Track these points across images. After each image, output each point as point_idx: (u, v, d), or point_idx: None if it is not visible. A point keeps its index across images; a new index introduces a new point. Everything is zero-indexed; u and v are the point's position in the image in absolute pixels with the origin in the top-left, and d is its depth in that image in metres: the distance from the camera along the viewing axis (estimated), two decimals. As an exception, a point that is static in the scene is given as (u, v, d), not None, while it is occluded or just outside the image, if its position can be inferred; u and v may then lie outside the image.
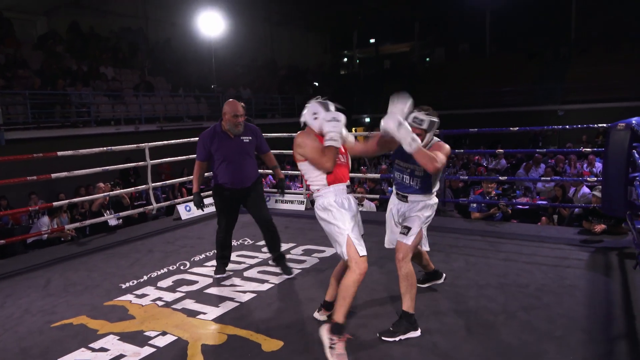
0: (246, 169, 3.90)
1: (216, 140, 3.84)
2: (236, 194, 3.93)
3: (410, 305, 2.84)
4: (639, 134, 3.73)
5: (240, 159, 3.87)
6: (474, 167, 9.84)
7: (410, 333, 2.81)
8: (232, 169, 3.84)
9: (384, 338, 2.80)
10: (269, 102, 17.99)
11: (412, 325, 2.84)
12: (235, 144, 3.86)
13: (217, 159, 3.85)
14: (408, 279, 2.84)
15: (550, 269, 3.83)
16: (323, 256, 4.47)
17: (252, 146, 3.96)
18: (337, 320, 2.63)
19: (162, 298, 3.63)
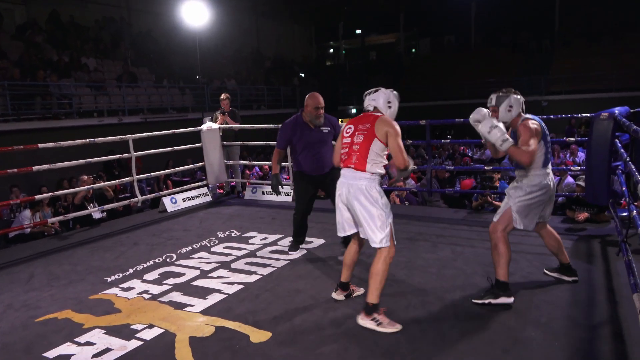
0: (325, 157, 4.15)
1: (298, 130, 4.16)
2: (315, 179, 4.24)
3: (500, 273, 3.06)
4: (622, 123, 3.78)
5: (319, 148, 4.17)
6: (459, 158, 9.92)
7: (500, 299, 3.02)
8: (312, 157, 4.15)
9: (474, 301, 3.07)
10: (255, 93, 17.86)
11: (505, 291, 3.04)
12: (316, 134, 4.16)
13: (299, 147, 4.19)
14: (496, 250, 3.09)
15: (535, 257, 3.88)
16: (310, 247, 4.47)
17: (330, 136, 4.24)
18: (372, 301, 2.85)
19: (149, 291, 3.60)
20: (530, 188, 3.08)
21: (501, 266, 3.07)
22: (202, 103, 14.43)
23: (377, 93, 3.08)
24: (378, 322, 2.80)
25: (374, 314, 2.83)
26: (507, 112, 3.07)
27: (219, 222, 5.59)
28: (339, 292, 3.28)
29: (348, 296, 3.28)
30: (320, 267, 3.92)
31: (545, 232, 3.34)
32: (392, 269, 3.73)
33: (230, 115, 7.00)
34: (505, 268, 3.07)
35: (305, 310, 3.13)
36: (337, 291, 3.29)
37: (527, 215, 3.11)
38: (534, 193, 3.08)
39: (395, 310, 3.05)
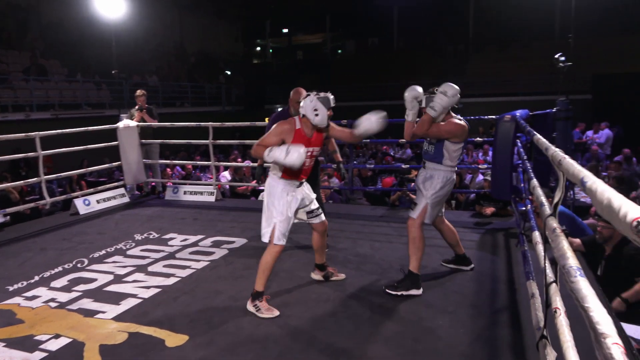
0: None
1: None
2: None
3: (414, 266, 3.24)
4: (522, 125, 4.11)
5: None
6: (381, 157, 10.26)
7: (411, 291, 3.20)
8: None
9: (387, 291, 3.23)
10: (178, 90, 17.29)
11: (415, 283, 3.23)
12: None
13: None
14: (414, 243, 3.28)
15: (446, 250, 4.09)
16: (232, 247, 4.42)
17: None
18: (258, 289, 3.07)
19: (56, 299, 3.38)
20: (443, 183, 3.31)
21: (416, 259, 3.27)
22: (120, 99, 13.70)
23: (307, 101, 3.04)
24: (257, 308, 3.03)
25: (256, 300, 3.05)
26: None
27: (137, 223, 5.36)
28: (316, 272, 3.56)
29: (325, 277, 3.52)
30: (241, 268, 3.89)
31: (444, 227, 3.61)
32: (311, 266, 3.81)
33: (148, 112, 6.73)
34: (419, 261, 3.27)
35: (224, 311, 3.10)
36: (315, 271, 3.57)
37: (437, 209, 3.37)
38: (445, 187, 3.33)
39: (314, 305, 3.12)
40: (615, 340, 0.92)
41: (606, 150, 11.47)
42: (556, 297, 1.78)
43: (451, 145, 3.29)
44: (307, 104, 3.03)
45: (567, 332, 1.58)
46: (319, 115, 3.01)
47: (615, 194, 0.99)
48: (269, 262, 3.10)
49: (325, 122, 3.07)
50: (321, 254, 3.49)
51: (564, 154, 1.67)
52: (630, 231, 0.83)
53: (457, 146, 3.31)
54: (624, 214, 0.87)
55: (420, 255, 3.28)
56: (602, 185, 1.09)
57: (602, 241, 3.63)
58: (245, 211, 5.88)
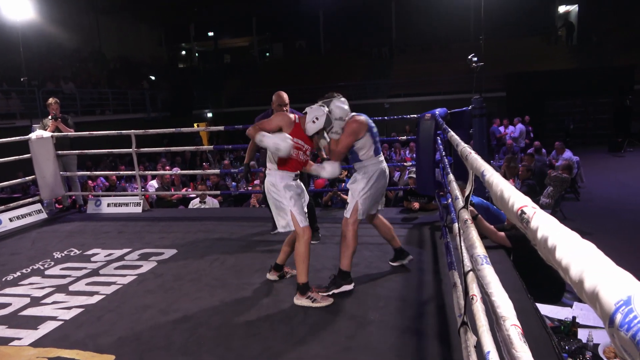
0: None
1: None
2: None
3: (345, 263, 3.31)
4: (440, 123, 4.33)
5: None
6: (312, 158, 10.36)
7: (343, 287, 3.27)
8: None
9: (320, 293, 3.20)
10: (98, 97, 16.43)
11: (345, 280, 3.29)
12: None
13: None
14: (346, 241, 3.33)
15: (376, 247, 4.23)
16: (161, 259, 4.28)
17: None
18: (302, 281, 3.15)
19: (-37, 328, 3.09)
20: (367, 178, 3.36)
21: (347, 257, 3.33)
22: (32, 108, 12.79)
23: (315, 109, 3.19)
24: (313, 300, 3.11)
25: (307, 292, 3.14)
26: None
27: (56, 241, 5.04)
28: (272, 273, 3.60)
29: (281, 277, 3.57)
30: (172, 279, 3.77)
31: (378, 222, 3.69)
32: (246, 272, 3.77)
33: (62, 121, 6.32)
34: (350, 259, 3.34)
35: (154, 326, 2.98)
36: (271, 272, 3.60)
37: (369, 204, 3.41)
38: (372, 181, 3.36)
39: (245, 311, 3.09)
40: (514, 322, 0.99)
41: (520, 144, 12.34)
42: (473, 284, 1.88)
43: (357, 143, 3.35)
44: (314, 111, 3.18)
45: (483, 317, 1.68)
46: (315, 123, 3.17)
47: (507, 186, 1.07)
48: (305, 251, 3.15)
49: (309, 133, 3.22)
50: (286, 256, 3.56)
51: (470, 150, 1.78)
52: (517, 219, 0.90)
53: (363, 140, 3.34)
54: (512, 203, 0.95)
55: (351, 252, 3.34)
56: (497, 178, 1.17)
57: (509, 228, 3.90)
58: (175, 220, 5.71)
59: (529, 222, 0.82)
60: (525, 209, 0.87)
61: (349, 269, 3.33)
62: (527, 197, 0.95)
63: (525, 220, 0.84)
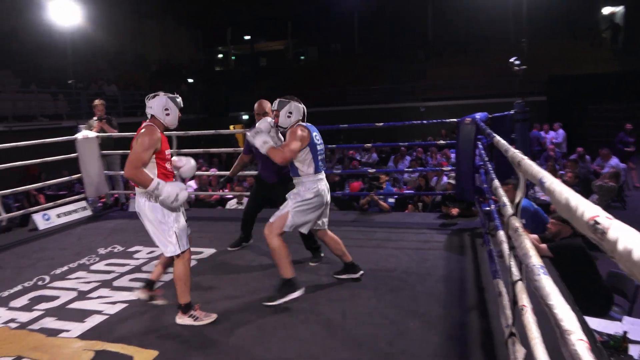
0: (270, 165, 3.96)
1: None
2: (265, 185, 4.32)
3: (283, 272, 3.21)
4: (482, 127, 4.24)
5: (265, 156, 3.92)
6: (348, 161, 10.34)
7: (290, 296, 3.17)
8: (261, 163, 4.29)
9: (266, 304, 3.16)
10: (139, 99, 16.90)
11: (291, 288, 3.19)
12: None
13: (255, 152, 4.26)
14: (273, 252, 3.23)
15: (414, 252, 4.18)
16: (200, 257, 4.36)
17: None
18: (184, 302, 3.02)
19: (16, 319, 3.24)
20: (305, 194, 3.26)
21: (283, 265, 3.22)
22: (77, 110, 13.31)
23: (154, 101, 3.00)
24: (195, 319, 3.00)
25: (190, 311, 3.02)
26: (286, 118, 3.27)
27: (100, 237, 5.20)
28: (143, 291, 3.25)
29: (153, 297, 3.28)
30: (210, 278, 3.83)
31: (328, 239, 3.55)
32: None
33: (107, 122, 6.55)
34: (288, 265, 3.22)
35: (192, 325, 3.03)
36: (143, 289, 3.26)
37: (302, 220, 3.26)
38: (308, 199, 3.25)
39: (284, 314, 3.10)
40: (580, 336, 0.96)
41: (563, 149, 11.96)
42: (522, 294, 1.83)
43: (297, 156, 3.25)
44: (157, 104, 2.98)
45: (535, 329, 1.64)
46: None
47: (573, 194, 1.03)
48: (185, 272, 3.00)
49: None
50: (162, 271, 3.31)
51: (522, 155, 1.73)
52: (588, 229, 0.87)
53: (303, 154, 3.25)
54: (581, 212, 0.91)
55: (285, 260, 3.21)
56: (560, 186, 1.13)
57: (551, 236, 3.77)
58: (213, 220, 5.81)
59: (604, 233, 0.79)
60: (599, 219, 0.83)
61: (290, 275, 3.23)
62: (597, 206, 0.92)
63: (600, 231, 0.81)
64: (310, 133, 3.27)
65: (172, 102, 2.97)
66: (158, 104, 2.96)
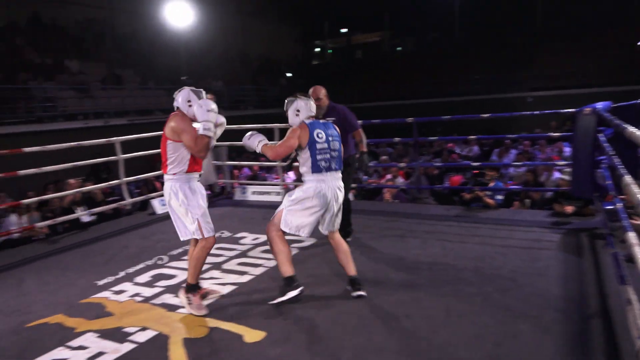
0: None
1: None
2: None
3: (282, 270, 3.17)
4: (604, 118, 3.85)
5: None
6: (447, 155, 9.98)
7: (288, 294, 3.12)
8: None
9: (270, 303, 3.17)
10: (242, 93, 17.80)
11: (288, 286, 3.13)
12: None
13: None
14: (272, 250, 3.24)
15: (523, 251, 3.94)
16: (302, 246, 4.48)
17: None
18: (190, 282, 3.18)
19: (140, 294, 3.58)
20: (302, 194, 3.15)
21: (283, 263, 3.17)
22: (188, 104, 14.33)
23: (179, 94, 3.14)
24: (189, 302, 3.15)
25: (189, 293, 3.17)
26: (295, 116, 3.20)
27: (214, 221, 5.56)
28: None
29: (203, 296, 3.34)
30: (313, 266, 3.93)
31: (334, 244, 3.36)
32: (382, 266, 3.77)
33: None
34: (287, 264, 3.16)
35: (298, 309, 3.14)
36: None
37: (297, 220, 3.15)
38: (306, 200, 3.14)
39: (387, 306, 3.08)
40: None
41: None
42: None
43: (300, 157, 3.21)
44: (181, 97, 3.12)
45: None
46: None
47: None
48: (202, 257, 3.21)
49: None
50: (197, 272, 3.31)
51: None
52: None
53: (304, 152, 3.16)
54: None
55: (282, 258, 3.17)
56: None
57: None
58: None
59: None
60: None
61: (290, 274, 3.16)
62: None
63: None
64: (311, 131, 3.12)
65: (194, 94, 3.11)
66: (182, 97, 3.11)
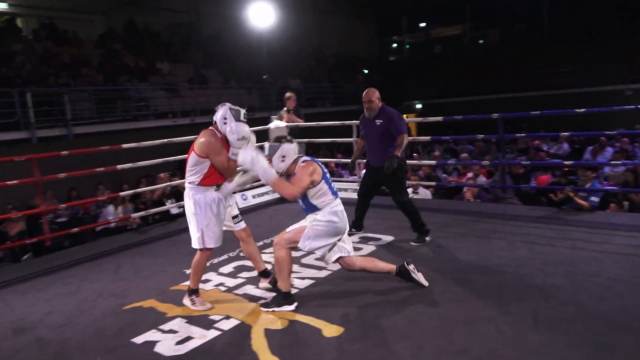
0: (377, 149, 4.46)
1: (362, 122, 4.69)
2: (373, 170, 4.54)
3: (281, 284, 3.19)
4: None
5: (373, 139, 4.52)
6: (533, 152, 9.42)
7: (283, 307, 3.16)
8: (368, 147, 4.62)
9: (261, 308, 3.22)
10: (319, 91, 18.00)
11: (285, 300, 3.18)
12: (370, 125, 4.51)
13: (363, 137, 4.69)
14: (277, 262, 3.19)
15: (622, 257, 3.62)
16: (379, 244, 4.45)
17: (381, 129, 4.42)
18: (192, 287, 3.35)
19: (224, 283, 3.75)
20: (328, 216, 3.15)
21: (283, 278, 3.17)
22: (267, 102, 14.76)
23: (219, 109, 3.31)
24: (193, 303, 3.31)
25: (192, 296, 3.35)
26: (280, 162, 3.16)
27: (288, 218, 5.69)
28: (262, 280, 3.58)
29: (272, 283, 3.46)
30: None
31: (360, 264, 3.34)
32: (464, 267, 3.64)
33: (295, 113, 7.14)
34: (287, 280, 3.18)
35: (376, 306, 3.12)
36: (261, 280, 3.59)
37: (317, 241, 3.15)
38: (327, 221, 3.14)
39: (469, 308, 2.98)
40: None
41: None
42: None
43: (311, 191, 3.15)
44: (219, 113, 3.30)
45: None
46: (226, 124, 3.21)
47: None
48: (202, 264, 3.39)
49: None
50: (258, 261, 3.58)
51: None
52: None
53: (318, 187, 3.15)
54: None
55: (285, 274, 3.17)
56: None
57: None
58: (389, 208, 5.85)
59: None
60: None
61: (287, 290, 3.19)
62: None
63: None
64: (319, 164, 3.21)
65: (230, 112, 3.23)
66: (220, 113, 3.27)
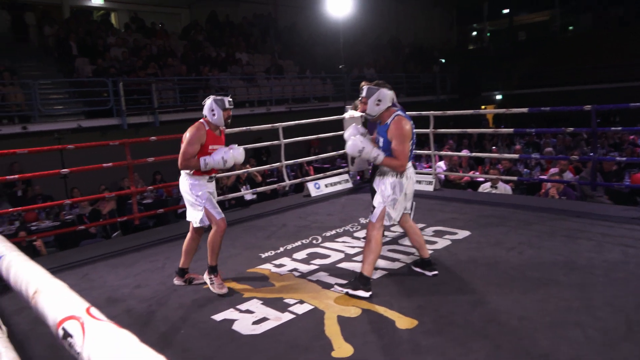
0: None
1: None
2: None
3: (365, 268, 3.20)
4: None
5: None
6: (630, 148, 8.66)
7: (358, 291, 3.16)
8: None
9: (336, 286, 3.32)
10: (394, 81, 17.72)
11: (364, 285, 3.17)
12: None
13: None
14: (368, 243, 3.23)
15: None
16: (455, 239, 4.32)
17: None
18: (211, 264, 3.46)
19: (298, 269, 3.84)
20: (392, 186, 3.22)
21: (369, 262, 3.19)
22: (341, 92, 14.77)
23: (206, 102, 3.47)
24: (211, 282, 3.44)
25: (211, 274, 3.46)
26: (375, 106, 3.21)
27: (360, 208, 5.70)
28: (177, 278, 3.69)
29: (188, 281, 3.66)
30: (466, 260, 3.77)
31: (408, 227, 3.48)
32: (548, 268, 3.45)
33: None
34: (373, 265, 3.20)
35: (451, 302, 3.05)
36: (176, 277, 3.70)
37: (395, 210, 3.27)
38: (397, 190, 3.22)
39: (553, 310, 2.82)
40: None
41: None
42: None
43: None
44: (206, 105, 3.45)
45: None
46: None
47: None
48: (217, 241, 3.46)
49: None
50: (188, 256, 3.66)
51: None
52: None
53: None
54: None
55: (373, 258, 3.20)
56: None
57: None
58: (466, 203, 5.69)
59: None
60: None
61: (370, 275, 3.20)
62: None
63: None
64: (412, 125, 3.24)
65: (215, 103, 3.41)
66: (207, 106, 3.45)
